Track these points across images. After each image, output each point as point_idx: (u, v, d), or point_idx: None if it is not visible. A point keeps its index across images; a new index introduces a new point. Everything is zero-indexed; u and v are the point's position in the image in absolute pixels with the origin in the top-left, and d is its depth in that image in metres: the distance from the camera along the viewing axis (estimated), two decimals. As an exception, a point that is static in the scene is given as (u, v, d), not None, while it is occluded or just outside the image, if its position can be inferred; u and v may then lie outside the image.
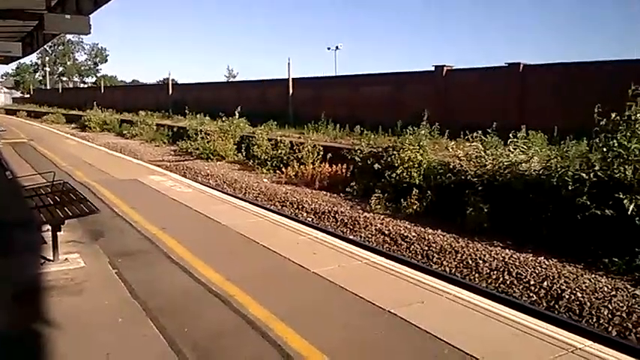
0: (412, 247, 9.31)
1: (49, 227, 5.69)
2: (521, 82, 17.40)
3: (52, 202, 6.07)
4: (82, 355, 3.76)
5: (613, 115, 8.70)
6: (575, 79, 15.60)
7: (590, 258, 8.09)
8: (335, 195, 13.32)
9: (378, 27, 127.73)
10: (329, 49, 72.45)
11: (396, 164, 12.06)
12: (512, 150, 10.70)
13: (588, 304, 6.79)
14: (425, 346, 3.93)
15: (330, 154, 15.28)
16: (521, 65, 17.55)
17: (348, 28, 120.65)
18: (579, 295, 7.01)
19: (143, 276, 5.40)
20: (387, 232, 10.06)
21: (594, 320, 6.50)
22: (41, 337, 3.99)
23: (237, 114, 21.52)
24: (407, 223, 10.49)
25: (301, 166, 15.56)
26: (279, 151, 17.26)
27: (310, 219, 11.40)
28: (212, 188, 12.38)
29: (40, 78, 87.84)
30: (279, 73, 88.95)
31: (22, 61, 69.23)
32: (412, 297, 4.87)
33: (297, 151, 16.29)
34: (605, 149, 8.75)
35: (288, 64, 27.60)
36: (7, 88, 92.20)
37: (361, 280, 5.30)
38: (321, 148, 15.78)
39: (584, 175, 8.62)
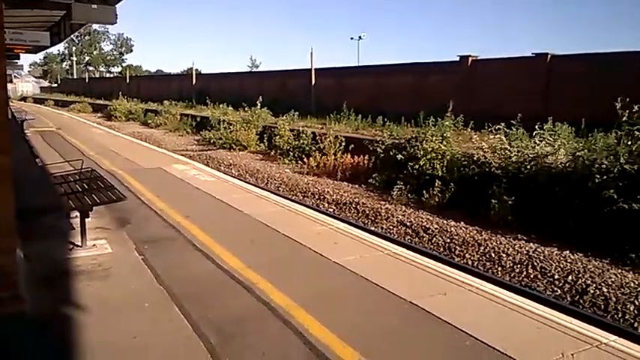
0: (434, 239, 9.26)
1: (78, 214, 5.83)
2: (548, 73, 17.02)
3: (80, 190, 6.20)
4: (109, 338, 3.86)
5: (636, 107, 8.52)
6: (604, 70, 15.16)
7: (617, 253, 7.94)
8: (357, 186, 13.30)
9: (402, 17, 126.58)
10: (352, 38, 72.21)
11: (419, 155, 11.95)
12: (538, 142, 10.51)
13: (614, 299, 6.68)
14: (446, 337, 3.93)
15: (352, 145, 15.23)
16: (549, 55, 17.17)
17: (372, 17, 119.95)
18: (605, 290, 6.90)
19: (168, 262, 5.51)
20: (408, 223, 10.03)
21: (620, 316, 6.40)
22: (70, 321, 4.10)
23: (259, 104, 21.59)
24: (429, 215, 10.43)
25: (323, 157, 15.54)
26: (301, 142, 17.25)
27: (332, 209, 11.42)
28: (234, 178, 12.50)
29: (67, 67, 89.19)
30: (301, 62, 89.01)
31: (49, 50, 70.78)
32: (434, 288, 4.87)
33: (319, 141, 16.26)
34: (630, 142, 8.55)
35: (311, 54, 27.44)
36: (36, 77, 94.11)
37: (382, 271, 5.31)
38: (343, 139, 15.72)
39: (610, 167, 8.45)
